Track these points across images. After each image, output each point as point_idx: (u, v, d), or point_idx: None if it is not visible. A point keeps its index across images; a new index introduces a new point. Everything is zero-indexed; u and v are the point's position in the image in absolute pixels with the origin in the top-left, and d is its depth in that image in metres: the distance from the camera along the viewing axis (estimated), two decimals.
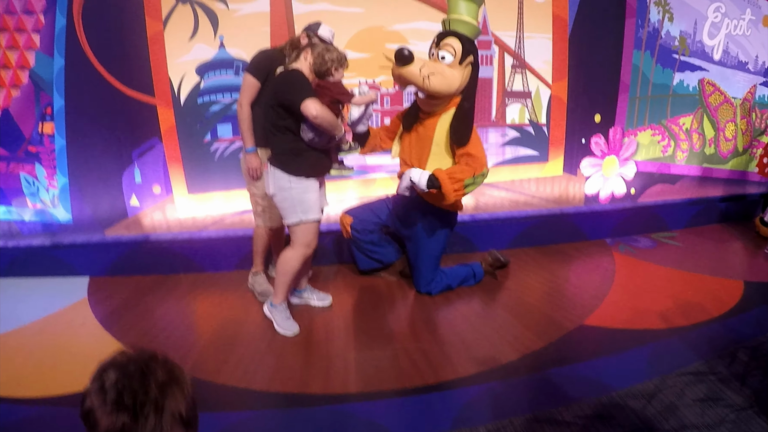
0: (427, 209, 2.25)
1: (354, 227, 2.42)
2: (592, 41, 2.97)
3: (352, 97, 2.04)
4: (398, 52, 1.98)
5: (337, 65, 1.95)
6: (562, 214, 3.01)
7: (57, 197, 2.85)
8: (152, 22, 2.60)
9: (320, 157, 2.00)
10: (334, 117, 1.90)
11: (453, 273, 2.42)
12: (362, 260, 2.52)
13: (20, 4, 2.77)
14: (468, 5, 2.08)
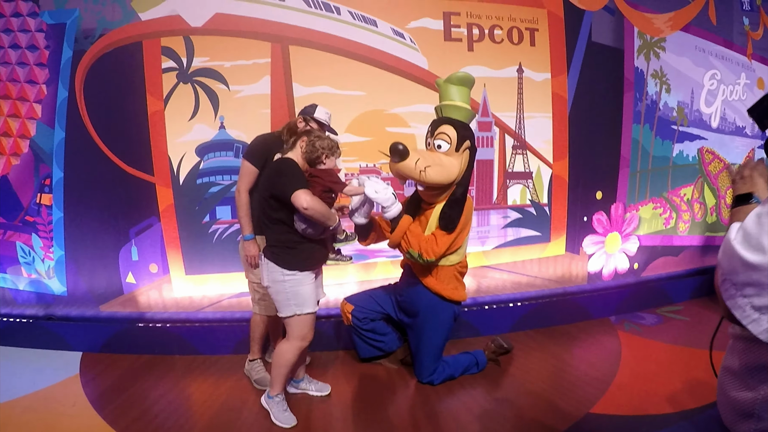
0: (430, 299, 2.21)
1: (355, 315, 2.37)
2: (591, 118, 2.97)
3: (344, 186, 1.99)
4: (393, 147, 1.95)
5: (328, 153, 1.94)
6: (565, 294, 2.97)
7: (52, 269, 2.81)
8: (153, 100, 2.60)
9: (315, 249, 1.96)
10: (326, 208, 1.87)
11: (455, 362, 2.37)
12: (363, 348, 2.47)
13: (24, 73, 2.79)
14: (459, 89, 2.07)
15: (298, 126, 2.19)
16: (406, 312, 2.33)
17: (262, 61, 2.57)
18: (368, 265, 2.78)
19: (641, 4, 3.10)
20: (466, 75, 2.08)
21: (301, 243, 1.92)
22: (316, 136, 1.94)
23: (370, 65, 2.63)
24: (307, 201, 1.78)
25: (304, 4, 2.57)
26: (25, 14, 2.75)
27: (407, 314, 2.33)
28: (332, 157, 1.95)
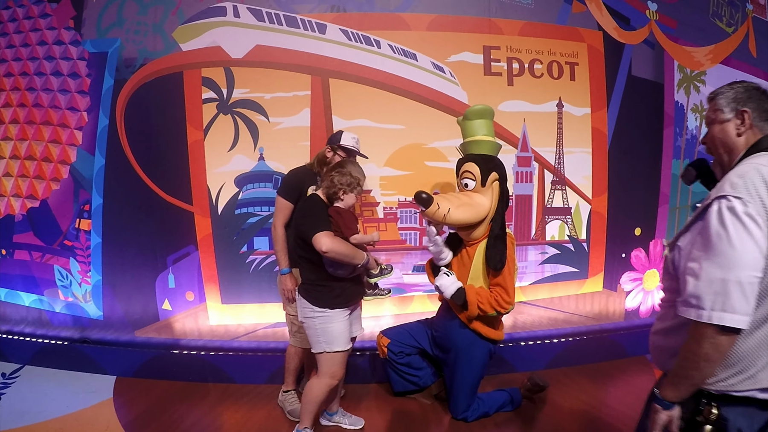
0: (466, 336, 2.19)
1: (390, 349, 2.36)
2: (631, 153, 2.93)
3: (355, 233, 1.93)
4: (417, 196, 2.00)
5: (346, 189, 1.90)
6: (602, 331, 2.91)
7: (89, 293, 2.85)
8: (193, 130, 2.64)
9: (346, 287, 1.94)
10: (349, 248, 1.85)
11: (490, 399, 2.34)
12: (397, 382, 2.45)
13: (65, 100, 2.86)
14: (479, 123, 2.08)
15: (327, 156, 2.20)
16: (441, 347, 2.31)
17: (302, 93, 2.59)
18: (405, 299, 2.76)
19: (681, 38, 3.05)
20: (484, 107, 2.09)
21: (333, 281, 1.90)
22: (338, 171, 1.92)
23: (409, 99, 2.63)
24: (326, 245, 1.76)
25: (344, 38, 2.59)
26: (67, 42, 2.82)
27: (442, 350, 2.30)
28: (351, 193, 1.92)
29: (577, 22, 2.81)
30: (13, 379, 2.71)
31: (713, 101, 1.17)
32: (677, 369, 1.05)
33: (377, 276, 2.09)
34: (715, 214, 1.00)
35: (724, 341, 0.99)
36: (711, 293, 0.98)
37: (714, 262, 0.98)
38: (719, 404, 1.06)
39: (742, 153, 1.09)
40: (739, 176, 1.02)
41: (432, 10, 2.63)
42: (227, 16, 2.59)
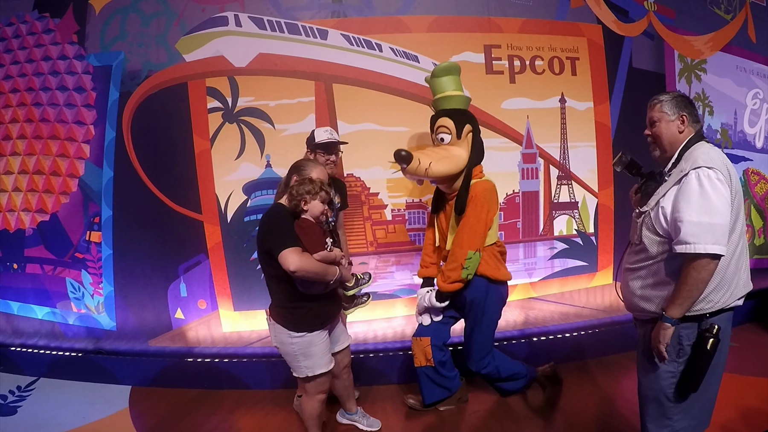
0: (477, 285, 2.17)
1: (435, 344, 2.26)
2: (635, 145, 2.88)
3: (321, 250, 1.73)
4: (396, 155, 2.04)
5: (308, 198, 1.72)
6: (614, 323, 2.91)
7: (102, 304, 2.88)
8: (200, 140, 2.66)
9: (323, 306, 1.81)
10: (319, 266, 1.70)
11: (504, 360, 2.33)
12: (431, 392, 2.35)
13: (72, 114, 2.89)
14: (448, 80, 2.13)
15: (310, 158, 2.14)
16: (456, 307, 2.26)
17: (306, 99, 2.61)
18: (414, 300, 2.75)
19: (680, 27, 3.06)
20: (450, 64, 2.15)
21: (308, 301, 1.75)
22: (299, 181, 1.76)
23: (413, 101, 2.65)
24: (294, 263, 1.62)
25: (346, 42, 2.61)
26: (71, 57, 2.86)
27: (458, 309, 2.26)
28: (315, 200, 1.73)
29: (576, 17, 2.82)
30: (29, 392, 2.74)
31: (658, 105, 1.56)
32: (682, 293, 1.38)
33: (353, 288, 1.96)
34: (695, 179, 1.37)
35: (713, 266, 1.36)
36: (702, 232, 1.33)
37: (702, 212, 1.34)
38: (714, 320, 1.43)
39: (683, 144, 1.49)
40: (705, 154, 1.41)
41: (432, 11, 2.64)
42: (229, 25, 2.62)
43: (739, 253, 1.45)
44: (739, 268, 1.46)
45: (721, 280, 1.41)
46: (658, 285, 1.47)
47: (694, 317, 1.42)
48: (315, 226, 1.76)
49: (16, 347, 2.97)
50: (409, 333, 2.74)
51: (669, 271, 1.43)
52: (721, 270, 1.40)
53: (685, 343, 1.44)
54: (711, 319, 1.42)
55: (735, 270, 1.45)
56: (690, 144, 1.48)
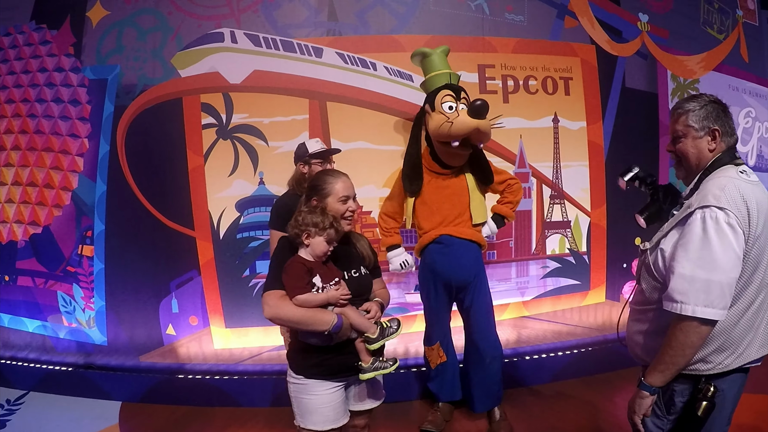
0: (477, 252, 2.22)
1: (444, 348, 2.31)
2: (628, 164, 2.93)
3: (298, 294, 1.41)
4: (485, 104, 2.01)
5: (312, 231, 1.44)
6: (606, 341, 2.92)
7: (93, 319, 2.86)
8: (193, 155, 2.66)
9: (327, 357, 1.48)
10: (302, 312, 1.40)
11: None
12: (442, 389, 2.38)
13: (66, 126, 2.89)
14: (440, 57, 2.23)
15: (303, 172, 2.11)
16: (461, 288, 2.22)
17: (300, 117, 2.62)
18: (407, 318, 2.75)
19: (673, 47, 3.09)
20: (444, 47, 2.27)
21: (310, 346, 1.48)
22: (310, 208, 1.49)
23: (406, 120, 2.65)
24: (267, 310, 1.39)
25: (341, 61, 2.62)
26: (67, 69, 2.86)
27: (464, 289, 2.22)
28: (320, 236, 1.44)
29: (570, 37, 2.85)
30: (18, 406, 2.72)
31: (683, 117, 1.25)
32: (665, 358, 1.19)
33: (377, 340, 1.46)
34: (700, 222, 1.13)
35: (705, 330, 1.14)
36: (694, 291, 1.12)
37: (698, 265, 1.12)
38: (714, 381, 1.22)
39: (709, 163, 1.24)
40: (720, 188, 1.15)
41: (426, 31, 2.66)
42: (225, 42, 2.63)
43: (756, 308, 1.20)
44: (756, 326, 1.21)
45: (724, 342, 1.18)
46: (655, 334, 1.26)
47: (688, 376, 1.22)
48: (300, 265, 1.44)
49: (7, 360, 2.94)
50: (401, 352, 2.74)
51: (665, 322, 1.20)
52: (725, 330, 1.18)
53: (677, 399, 1.24)
54: (714, 381, 1.21)
55: (747, 329, 1.20)
56: (713, 168, 1.22)
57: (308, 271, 1.45)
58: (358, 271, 1.57)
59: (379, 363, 1.49)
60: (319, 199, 1.52)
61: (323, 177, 1.56)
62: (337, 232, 1.48)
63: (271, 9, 2.64)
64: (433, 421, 2.34)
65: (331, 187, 1.52)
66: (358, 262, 1.58)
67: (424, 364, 2.45)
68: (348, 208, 1.54)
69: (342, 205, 1.52)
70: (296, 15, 2.65)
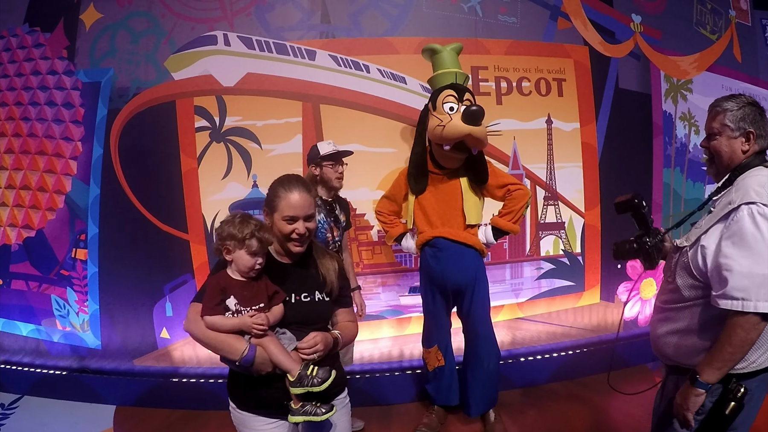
0: (476, 257, 2.19)
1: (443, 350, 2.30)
2: (622, 165, 2.96)
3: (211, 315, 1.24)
4: (480, 110, 1.97)
5: (230, 246, 1.25)
6: (601, 342, 2.93)
7: (87, 322, 2.85)
8: (187, 159, 2.66)
9: (252, 389, 1.29)
10: (207, 334, 1.23)
11: None
12: (439, 393, 2.37)
13: (60, 129, 2.88)
14: (456, 57, 2.18)
15: (315, 174, 2.09)
16: (457, 293, 2.21)
17: (294, 119, 2.62)
18: (402, 321, 2.77)
19: (666, 48, 3.10)
20: (456, 45, 2.23)
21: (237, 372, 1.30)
22: (227, 218, 1.30)
23: (400, 122, 2.66)
24: (185, 324, 1.27)
25: (334, 63, 2.62)
26: (61, 72, 2.85)
27: (461, 294, 2.21)
28: (239, 251, 1.24)
29: (563, 39, 2.85)
30: (12, 410, 2.70)
31: (721, 115, 1.27)
32: (723, 355, 1.17)
33: (297, 386, 1.21)
34: (749, 218, 1.15)
35: (764, 326, 1.15)
36: (755, 287, 1.12)
37: (756, 261, 1.13)
38: (744, 381, 1.22)
39: (741, 163, 1.26)
40: (760, 186, 1.18)
41: (419, 33, 2.66)
42: (218, 44, 2.62)
43: None
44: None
45: (761, 338, 1.19)
46: (688, 333, 1.27)
47: None
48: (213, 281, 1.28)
49: (0, 364, 2.92)
50: (396, 354, 2.74)
51: (703, 320, 1.23)
52: None
53: (707, 400, 1.24)
54: (744, 381, 1.21)
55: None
56: (745, 167, 1.24)
57: (221, 291, 1.25)
58: (311, 295, 1.33)
59: (310, 407, 1.25)
60: (268, 212, 1.33)
61: (276, 187, 1.33)
62: (262, 243, 1.26)
63: (264, 12, 2.64)
64: (428, 424, 2.34)
65: (278, 201, 1.30)
66: (315, 286, 1.35)
67: (422, 366, 2.44)
68: (294, 231, 1.28)
69: (286, 225, 1.28)
70: (289, 17, 2.64)
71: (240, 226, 1.26)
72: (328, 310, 1.39)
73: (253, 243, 1.25)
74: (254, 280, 1.29)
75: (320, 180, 2.10)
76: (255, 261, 1.27)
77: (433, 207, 2.17)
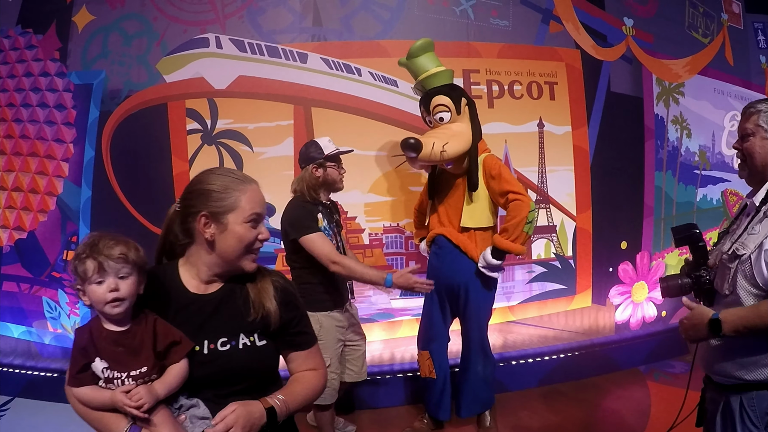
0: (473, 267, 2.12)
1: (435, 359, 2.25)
2: (613, 168, 2.97)
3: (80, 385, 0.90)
4: (404, 144, 1.95)
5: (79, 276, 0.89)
6: (593, 345, 2.94)
7: (78, 324, 2.84)
8: (178, 161, 2.65)
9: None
10: (84, 411, 0.92)
11: None
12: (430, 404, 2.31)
13: (52, 131, 2.87)
14: (426, 57, 2.10)
15: (317, 175, 1.96)
16: (451, 295, 2.19)
17: (285, 122, 2.62)
18: (393, 324, 2.76)
19: (658, 51, 3.11)
20: (424, 40, 2.11)
21: None
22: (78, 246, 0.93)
23: (391, 125, 2.66)
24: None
25: (326, 66, 2.62)
26: (53, 74, 2.84)
27: (455, 297, 2.18)
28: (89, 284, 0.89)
29: (555, 42, 2.86)
30: (3, 412, 2.69)
31: (755, 116, 1.26)
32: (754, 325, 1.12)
33: None
34: None
35: None
36: None
37: None
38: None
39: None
40: None
41: (411, 36, 2.63)
42: (210, 47, 2.62)
43: None
44: None
45: None
46: (749, 347, 1.19)
47: None
48: (77, 337, 0.92)
49: None
50: (387, 358, 2.74)
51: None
52: None
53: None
54: None
55: None
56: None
57: (81, 352, 0.89)
58: (234, 341, 0.96)
59: None
60: (212, 217, 0.94)
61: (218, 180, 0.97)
62: (109, 258, 0.88)
63: (256, 14, 2.64)
64: (417, 428, 2.33)
65: (234, 197, 0.95)
66: (240, 326, 0.97)
67: (415, 369, 2.43)
68: (258, 236, 0.97)
69: (250, 230, 0.95)
70: (281, 20, 2.64)
71: (82, 246, 0.90)
72: (264, 359, 0.99)
73: (90, 265, 0.87)
74: (134, 328, 0.90)
75: (323, 183, 1.97)
76: (105, 291, 0.87)
77: (442, 206, 2.20)
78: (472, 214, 2.12)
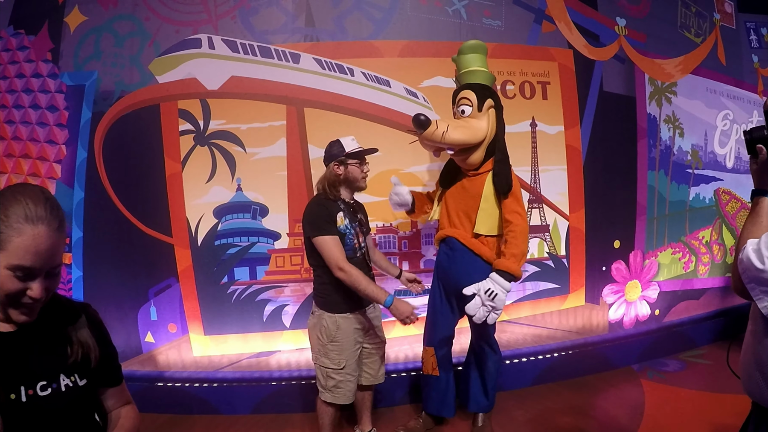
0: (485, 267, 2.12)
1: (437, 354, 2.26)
2: (606, 167, 2.98)
3: None
4: (415, 119, 1.99)
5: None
6: (586, 344, 2.94)
7: None
8: (171, 162, 2.64)
9: None
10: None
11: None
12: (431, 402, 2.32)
13: (44, 133, 2.85)
14: (474, 57, 2.15)
15: (338, 173, 1.93)
16: (463, 299, 2.14)
17: (278, 123, 2.61)
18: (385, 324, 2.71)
19: (651, 51, 3.12)
20: (477, 42, 2.17)
21: None
22: None
23: (384, 125, 2.66)
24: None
25: (318, 67, 2.62)
26: (45, 75, 2.82)
27: (467, 300, 2.13)
28: None
29: (548, 42, 2.87)
30: None
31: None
32: None
33: None
34: None
35: None
36: None
37: None
38: None
39: None
40: None
41: (404, 36, 2.67)
42: (202, 47, 2.61)
43: None
44: None
45: None
46: None
47: None
48: None
49: None
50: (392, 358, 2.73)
51: None
52: None
53: None
54: None
55: None
56: None
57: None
58: (54, 382, 0.84)
59: None
60: None
61: (10, 206, 0.78)
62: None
63: (248, 15, 2.63)
64: (411, 428, 2.34)
65: (6, 235, 0.77)
66: (61, 365, 0.86)
67: (415, 368, 2.45)
68: (26, 292, 0.80)
69: (11, 279, 0.78)
70: (273, 21, 2.64)
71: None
72: (89, 401, 0.89)
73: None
74: None
75: (344, 180, 1.94)
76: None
77: (453, 206, 2.20)
78: (485, 221, 2.12)
